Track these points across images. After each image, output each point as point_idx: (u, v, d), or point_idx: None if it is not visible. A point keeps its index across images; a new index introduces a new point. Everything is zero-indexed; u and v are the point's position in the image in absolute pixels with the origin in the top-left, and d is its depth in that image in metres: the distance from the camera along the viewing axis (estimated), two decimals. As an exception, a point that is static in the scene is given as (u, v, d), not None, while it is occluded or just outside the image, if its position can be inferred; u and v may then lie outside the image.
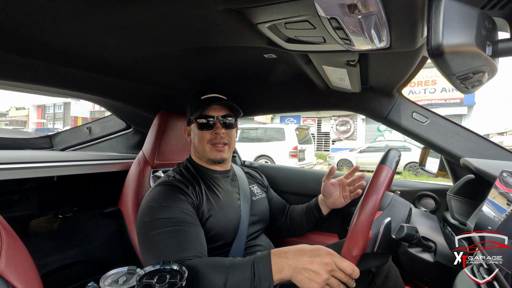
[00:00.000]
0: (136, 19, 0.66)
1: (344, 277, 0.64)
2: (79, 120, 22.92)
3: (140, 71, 1.06)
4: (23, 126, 26.41)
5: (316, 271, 0.63)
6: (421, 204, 1.22)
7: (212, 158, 1.02)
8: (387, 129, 13.45)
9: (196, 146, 1.04)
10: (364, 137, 14.49)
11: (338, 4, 0.48)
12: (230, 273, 0.67)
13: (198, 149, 1.04)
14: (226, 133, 1.02)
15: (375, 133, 14.36)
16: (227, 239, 0.96)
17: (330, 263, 0.64)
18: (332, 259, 0.64)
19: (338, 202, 1.13)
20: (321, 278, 0.63)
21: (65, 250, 1.35)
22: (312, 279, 0.63)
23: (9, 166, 1.01)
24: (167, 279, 0.57)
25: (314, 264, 0.64)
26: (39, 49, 0.81)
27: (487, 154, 0.97)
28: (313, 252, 0.66)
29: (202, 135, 1.01)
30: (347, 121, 14.95)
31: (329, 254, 0.66)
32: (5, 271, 0.54)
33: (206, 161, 1.05)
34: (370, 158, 10.13)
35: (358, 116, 14.28)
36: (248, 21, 0.63)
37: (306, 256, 0.66)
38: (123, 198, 1.26)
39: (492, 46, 0.44)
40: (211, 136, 1.01)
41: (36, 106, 28.05)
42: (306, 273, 0.64)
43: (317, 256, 0.65)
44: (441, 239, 0.74)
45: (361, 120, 14.63)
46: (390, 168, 0.70)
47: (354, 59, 0.79)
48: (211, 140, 1.01)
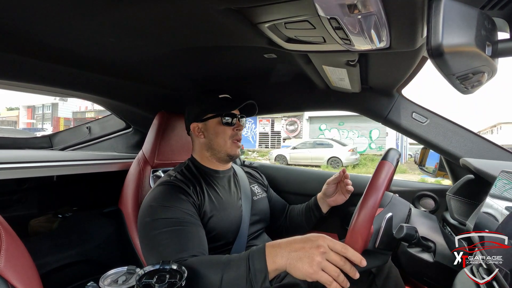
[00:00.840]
0: (136, 19, 0.66)
1: (339, 260, 0.62)
2: (61, 121, 23.40)
3: (140, 71, 1.06)
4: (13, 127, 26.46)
5: (308, 256, 0.62)
6: (421, 204, 1.22)
7: (232, 154, 1.06)
8: (327, 128, 15.60)
9: (216, 141, 1.04)
10: (308, 135, 15.81)
11: (338, 4, 0.47)
12: (226, 269, 0.67)
13: (217, 145, 1.04)
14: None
15: (317, 132, 15.82)
16: (229, 238, 0.97)
17: (322, 245, 0.62)
18: (324, 241, 0.63)
19: (340, 199, 1.15)
20: (314, 261, 0.61)
21: (64, 250, 1.35)
22: (305, 263, 0.61)
23: (9, 166, 1.01)
24: (166, 279, 0.57)
25: (305, 249, 0.63)
26: (40, 49, 0.81)
27: (486, 154, 0.97)
28: (305, 238, 0.66)
29: (225, 131, 1.04)
30: (295, 121, 16.12)
31: (321, 237, 0.65)
32: (5, 270, 0.54)
33: (219, 158, 1.06)
34: (299, 153, 12.38)
35: (303, 116, 15.59)
36: (248, 21, 0.63)
37: (298, 243, 0.65)
38: (123, 198, 1.26)
39: (492, 46, 0.44)
40: (233, 132, 1.05)
41: (26, 107, 28.21)
42: (299, 259, 0.63)
43: (309, 241, 0.64)
44: (441, 239, 0.74)
45: (306, 120, 15.91)
46: (391, 164, 0.70)
47: (354, 59, 0.79)
48: (232, 136, 1.05)
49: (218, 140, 1.04)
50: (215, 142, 1.04)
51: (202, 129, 1.06)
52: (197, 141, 1.09)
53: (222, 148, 1.04)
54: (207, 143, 1.06)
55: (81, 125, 1.94)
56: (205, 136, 1.06)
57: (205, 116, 1.04)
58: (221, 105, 1.04)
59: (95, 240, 1.44)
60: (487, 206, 0.58)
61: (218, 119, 1.03)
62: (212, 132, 1.04)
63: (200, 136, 1.07)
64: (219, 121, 1.03)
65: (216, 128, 1.04)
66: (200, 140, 1.07)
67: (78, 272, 1.35)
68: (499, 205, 0.55)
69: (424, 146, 1.22)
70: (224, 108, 1.04)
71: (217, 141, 1.04)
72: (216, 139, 1.04)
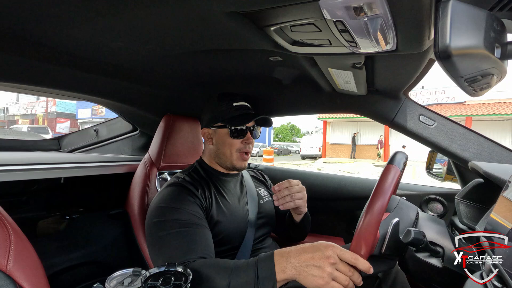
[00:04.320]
0: (143, 23, 0.66)
1: (348, 271, 0.61)
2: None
3: (147, 74, 1.07)
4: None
5: (318, 266, 0.61)
6: (429, 208, 1.21)
7: (238, 167, 1.03)
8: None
9: (223, 152, 1.03)
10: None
11: (343, 6, 0.47)
12: (234, 275, 0.67)
13: (223, 155, 1.03)
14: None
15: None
16: (235, 243, 0.97)
17: (332, 256, 0.62)
18: (334, 251, 0.62)
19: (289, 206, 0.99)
20: (325, 272, 0.61)
21: (71, 251, 1.36)
22: (316, 275, 0.61)
23: (19, 168, 1.03)
24: (172, 281, 0.57)
25: (315, 259, 0.62)
26: (48, 53, 0.83)
27: (496, 157, 0.95)
28: (314, 247, 0.65)
29: (232, 143, 1.01)
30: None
31: (330, 246, 0.64)
32: (13, 271, 0.55)
33: (225, 167, 1.05)
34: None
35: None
36: (254, 24, 0.63)
37: (308, 252, 0.64)
38: (129, 200, 1.27)
39: (501, 48, 0.44)
40: (241, 145, 1.02)
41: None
42: (309, 270, 0.62)
43: (318, 250, 0.64)
44: (449, 244, 0.73)
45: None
46: (398, 168, 0.69)
47: (360, 61, 0.79)
48: (240, 149, 1.02)
49: (224, 150, 1.03)
50: (222, 151, 1.03)
51: (211, 136, 1.06)
52: (206, 146, 1.09)
53: (228, 159, 1.03)
54: (215, 150, 1.05)
55: (89, 127, 1.97)
56: (214, 144, 1.05)
57: (215, 123, 1.03)
58: (232, 117, 1.02)
59: (102, 242, 1.45)
60: (496, 211, 0.56)
61: (227, 129, 1.01)
62: (220, 141, 1.03)
63: (209, 143, 1.07)
64: (228, 132, 1.01)
65: (224, 138, 1.02)
66: (209, 147, 1.07)
67: (85, 273, 1.36)
68: (509, 210, 0.53)
69: (431, 150, 1.20)
70: (235, 120, 1.01)
71: (223, 151, 1.03)
72: (223, 149, 1.03)
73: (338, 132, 17.80)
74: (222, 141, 1.03)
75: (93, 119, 24.09)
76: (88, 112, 25.21)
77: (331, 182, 1.45)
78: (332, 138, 18.02)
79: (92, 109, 24.68)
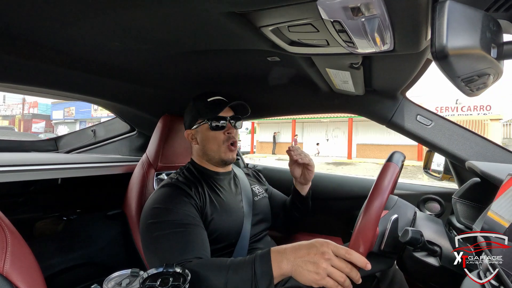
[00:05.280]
0: (140, 23, 0.66)
1: (345, 266, 0.62)
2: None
3: (145, 74, 1.07)
4: None
5: (314, 262, 0.62)
6: (426, 207, 1.21)
7: (226, 159, 1.04)
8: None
9: (209, 147, 1.03)
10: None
11: (341, 7, 0.48)
12: (231, 273, 0.67)
13: (210, 150, 1.04)
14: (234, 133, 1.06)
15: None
16: (231, 240, 0.96)
17: (326, 252, 0.63)
18: (328, 247, 0.63)
19: (303, 173, 1.13)
20: (320, 268, 0.61)
21: (69, 252, 1.36)
22: (311, 271, 0.62)
23: (16, 169, 1.02)
24: (170, 282, 0.57)
25: (311, 255, 0.63)
26: (45, 53, 0.82)
27: (493, 157, 0.96)
28: (310, 244, 0.66)
29: (215, 136, 1.02)
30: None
31: (325, 243, 0.65)
32: (10, 272, 0.54)
33: (215, 162, 1.05)
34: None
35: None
36: (251, 25, 0.63)
37: (303, 249, 0.65)
38: (127, 201, 1.26)
39: (497, 48, 0.44)
40: (224, 136, 1.03)
41: None
42: (305, 266, 0.63)
43: (314, 247, 0.65)
44: (447, 243, 0.73)
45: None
46: (396, 165, 0.69)
47: (358, 61, 0.79)
48: (225, 141, 1.03)
49: (210, 146, 1.03)
50: (208, 148, 1.04)
51: (195, 136, 1.07)
52: (193, 147, 1.10)
53: (215, 153, 1.03)
54: (201, 148, 1.06)
55: (86, 128, 1.96)
56: (199, 143, 1.06)
57: (195, 122, 1.05)
58: (208, 110, 1.03)
59: (99, 243, 1.45)
60: (493, 210, 0.57)
61: (207, 124, 1.02)
62: (204, 138, 1.04)
63: (194, 143, 1.08)
64: (208, 126, 1.02)
65: (206, 134, 1.03)
66: (195, 146, 1.08)
67: (82, 274, 1.35)
68: (506, 209, 0.54)
69: (429, 149, 1.20)
70: (210, 112, 1.02)
71: (209, 147, 1.03)
72: (209, 145, 1.03)
73: (265, 132, 20.07)
74: (205, 137, 1.04)
75: (65, 120, 27.04)
76: (61, 114, 27.31)
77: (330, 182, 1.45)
78: (261, 137, 20.28)
79: (64, 111, 26.82)
